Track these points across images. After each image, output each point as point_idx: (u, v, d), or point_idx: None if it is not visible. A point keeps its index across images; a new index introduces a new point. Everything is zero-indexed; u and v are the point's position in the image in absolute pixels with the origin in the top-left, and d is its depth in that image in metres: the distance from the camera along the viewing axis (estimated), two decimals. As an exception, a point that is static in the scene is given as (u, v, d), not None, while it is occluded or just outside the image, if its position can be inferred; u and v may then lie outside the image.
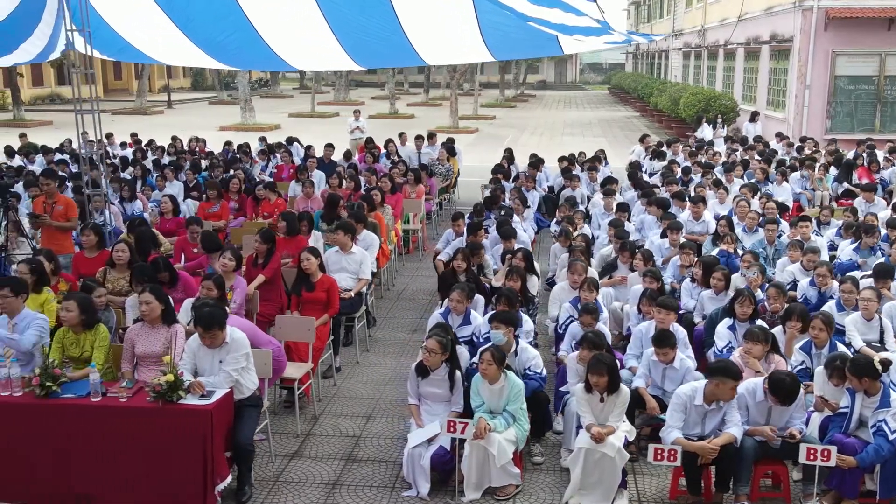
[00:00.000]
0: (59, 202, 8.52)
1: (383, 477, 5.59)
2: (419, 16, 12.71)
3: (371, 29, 13.12)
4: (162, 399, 4.92)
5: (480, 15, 12.42)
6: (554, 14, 11.46)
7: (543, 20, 12.33)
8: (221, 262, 6.89)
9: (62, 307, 5.49)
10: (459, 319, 6.58)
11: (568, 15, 11.34)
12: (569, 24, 12.29)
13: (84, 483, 5.08)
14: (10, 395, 5.08)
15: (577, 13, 11.15)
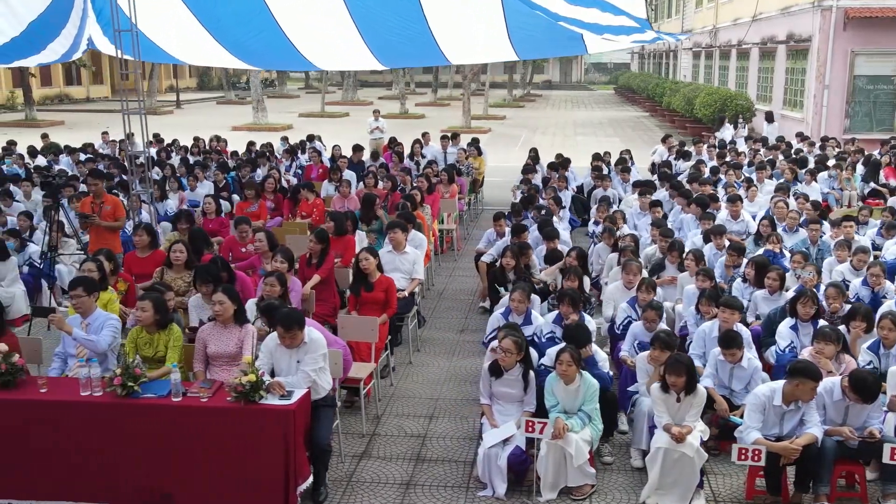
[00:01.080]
0: (106, 202, 8.52)
1: (456, 477, 5.59)
2: (447, 15, 12.75)
3: (398, 28, 13.16)
4: (244, 399, 4.92)
5: (508, 15, 12.45)
6: (591, 14, 11.48)
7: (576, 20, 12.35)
8: (273, 265, 6.89)
9: (137, 307, 5.49)
10: (520, 319, 6.58)
11: (605, 14, 11.35)
12: (602, 24, 12.31)
13: (164, 482, 5.08)
14: (90, 395, 5.08)
15: (616, 12, 11.17)
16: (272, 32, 13.55)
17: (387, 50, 14.21)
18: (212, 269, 6.37)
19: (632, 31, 12.70)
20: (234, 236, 8.43)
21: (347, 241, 8.24)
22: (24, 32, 12.80)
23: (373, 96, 51.89)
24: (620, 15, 11.34)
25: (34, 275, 9.01)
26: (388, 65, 16.45)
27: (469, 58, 16.99)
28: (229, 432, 4.98)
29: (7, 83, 41.44)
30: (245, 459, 4.98)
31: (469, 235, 12.95)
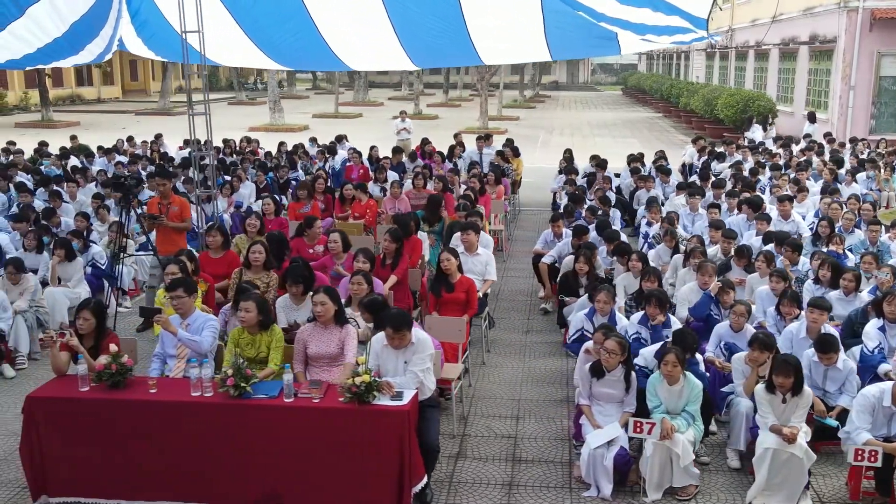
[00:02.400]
0: (173, 202, 8.52)
1: (556, 477, 5.60)
2: (485, 15, 12.75)
3: (435, 28, 13.17)
4: (357, 400, 4.93)
5: (547, 14, 12.45)
6: (640, 13, 11.44)
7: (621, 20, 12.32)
8: (356, 265, 6.89)
9: (241, 307, 5.49)
10: (604, 320, 6.59)
11: (657, 14, 11.30)
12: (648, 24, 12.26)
13: (274, 483, 5.08)
14: (201, 396, 5.09)
15: (669, 11, 11.11)
16: (308, 33, 13.56)
17: (421, 50, 14.22)
18: (303, 270, 6.37)
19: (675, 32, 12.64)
20: (302, 237, 8.43)
21: (414, 243, 8.24)
22: (66, 33, 12.80)
23: (382, 97, 51.91)
24: (673, 14, 11.28)
25: (97, 275, 9.01)
26: (420, 65, 16.48)
27: (502, 58, 16.99)
28: (342, 433, 4.98)
29: (20, 84, 41.40)
30: (357, 460, 4.99)
31: (512, 236, 12.96)
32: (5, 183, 12.33)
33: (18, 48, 12.42)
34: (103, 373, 5.13)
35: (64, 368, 5.40)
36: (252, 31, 13.79)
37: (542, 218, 14.82)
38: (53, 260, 8.49)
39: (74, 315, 5.51)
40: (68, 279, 8.54)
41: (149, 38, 14.56)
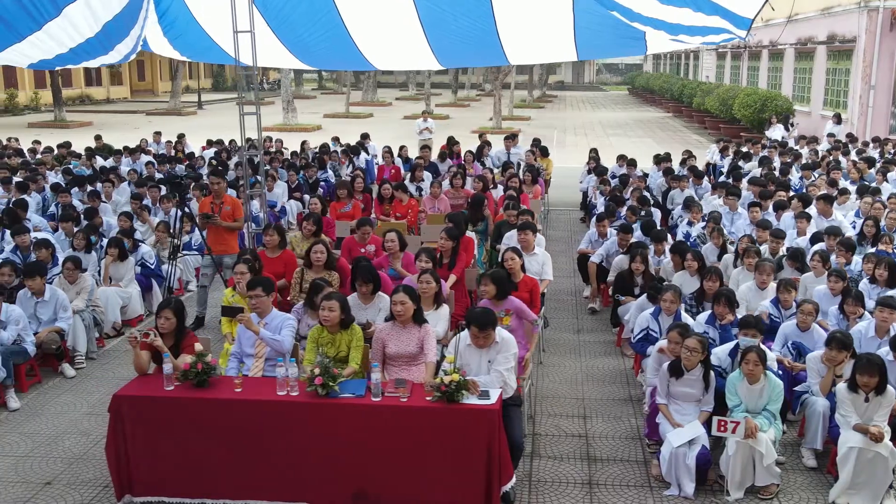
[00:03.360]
0: (226, 202, 8.53)
1: (635, 476, 5.61)
2: (515, 15, 12.75)
3: (465, 28, 13.17)
4: (447, 399, 4.93)
5: (577, 14, 12.45)
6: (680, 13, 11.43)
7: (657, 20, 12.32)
8: (418, 265, 6.90)
9: (325, 307, 5.50)
10: (670, 320, 6.60)
11: (697, 14, 11.29)
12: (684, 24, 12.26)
13: (361, 481, 5.09)
14: (287, 395, 5.10)
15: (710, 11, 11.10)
16: (337, 32, 13.59)
17: (448, 50, 14.23)
18: (372, 269, 6.38)
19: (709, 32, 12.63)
20: (352, 236, 8.44)
21: (467, 241, 8.24)
22: (98, 33, 12.79)
23: (390, 97, 51.94)
24: (714, 14, 11.26)
25: (147, 275, 9.02)
26: (445, 65, 16.47)
27: (528, 58, 16.98)
28: (430, 432, 4.98)
29: (30, 84, 41.42)
30: (445, 459, 4.99)
31: (546, 236, 12.95)
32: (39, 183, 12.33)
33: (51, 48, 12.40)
34: (189, 372, 5.14)
35: (146, 368, 5.41)
36: (281, 31, 13.80)
37: (570, 217, 14.86)
38: (106, 259, 8.50)
39: (155, 315, 5.51)
40: (120, 279, 8.55)
41: (175, 38, 14.54)
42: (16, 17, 10.55)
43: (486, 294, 6.09)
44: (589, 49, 14.53)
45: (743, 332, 5.78)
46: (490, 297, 6.07)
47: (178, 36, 14.26)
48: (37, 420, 6.50)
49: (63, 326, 7.30)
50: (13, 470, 5.70)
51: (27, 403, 6.80)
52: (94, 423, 6.41)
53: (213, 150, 17.43)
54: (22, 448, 6.02)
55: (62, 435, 6.23)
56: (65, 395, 6.98)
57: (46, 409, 6.72)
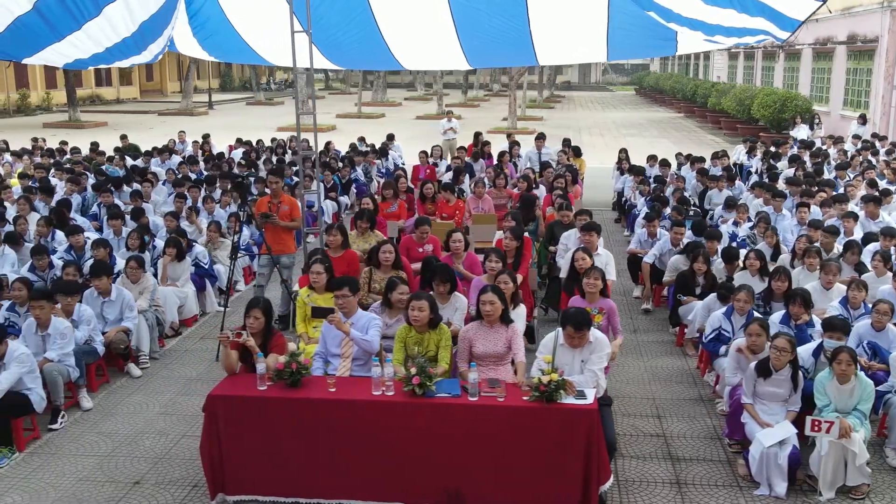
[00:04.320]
0: (284, 202, 8.53)
1: (721, 476, 5.61)
2: (550, 15, 12.75)
3: (498, 28, 13.18)
4: (545, 399, 4.93)
5: (612, 14, 12.45)
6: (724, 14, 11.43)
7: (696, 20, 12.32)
8: (488, 265, 6.90)
9: (414, 307, 5.49)
10: (742, 319, 6.60)
11: (741, 16, 11.29)
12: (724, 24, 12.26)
13: (455, 479, 5.09)
14: (382, 394, 5.10)
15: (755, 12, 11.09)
16: (369, 31, 13.61)
17: (478, 50, 14.25)
18: (450, 269, 6.38)
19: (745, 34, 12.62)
20: (410, 236, 8.45)
21: (527, 241, 8.24)
22: (134, 33, 12.80)
23: (398, 97, 51.95)
24: (759, 16, 11.25)
25: (200, 275, 9.02)
26: (474, 65, 16.49)
27: (557, 59, 17.00)
28: (528, 432, 4.98)
29: (42, 84, 41.43)
30: (543, 459, 4.99)
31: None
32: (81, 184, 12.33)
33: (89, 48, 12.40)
34: (283, 371, 5.14)
35: (235, 367, 5.41)
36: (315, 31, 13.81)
37: (603, 217, 14.82)
38: (164, 259, 8.50)
39: (244, 314, 5.51)
40: (177, 279, 8.56)
41: (205, 38, 14.54)
42: (58, 18, 10.55)
43: (591, 289, 6.08)
44: (619, 49, 14.53)
45: (828, 335, 5.79)
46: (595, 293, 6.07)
47: (209, 36, 14.25)
48: (112, 420, 6.50)
49: (129, 326, 7.31)
50: (99, 469, 5.70)
51: (98, 403, 6.80)
52: (170, 423, 6.41)
53: (241, 150, 17.44)
54: (103, 448, 6.02)
55: (140, 435, 6.23)
56: (135, 395, 6.98)
57: (119, 408, 6.72)
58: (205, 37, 14.29)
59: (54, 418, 6.31)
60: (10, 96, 38.45)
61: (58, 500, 5.30)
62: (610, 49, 13.97)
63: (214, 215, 10.79)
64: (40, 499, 5.32)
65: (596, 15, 12.51)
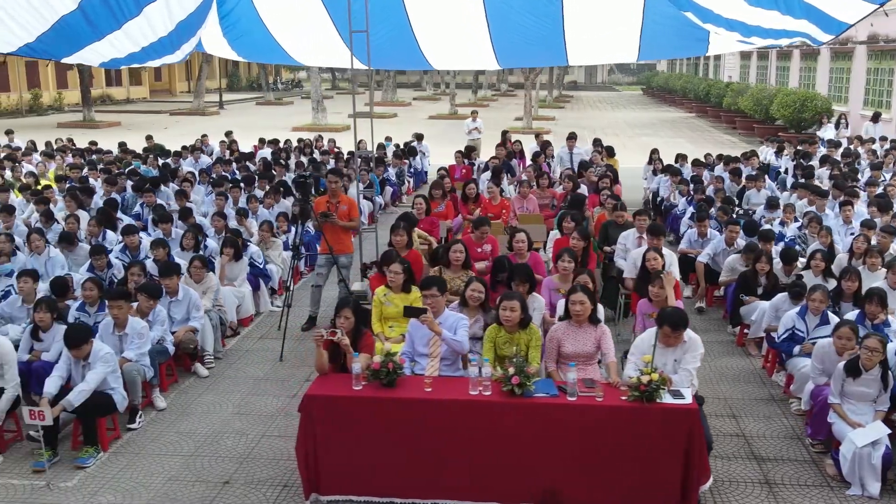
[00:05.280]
0: (342, 202, 8.53)
1: (809, 476, 5.60)
2: (584, 16, 12.74)
3: (532, 28, 13.17)
4: (645, 398, 4.93)
5: (647, 15, 12.44)
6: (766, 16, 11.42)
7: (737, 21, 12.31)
8: (561, 265, 6.91)
9: (504, 307, 5.50)
10: (817, 320, 6.61)
11: (785, 17, 11.28)
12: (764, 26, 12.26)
13: (551, 479, 5.09)
14: (479, 394, 5.09)
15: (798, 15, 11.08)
16: (401, 30, 13.61)
17: (510, 49, 14.25)
18: (529, 269, 6.38)
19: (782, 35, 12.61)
20: (469, 236, 8.45)
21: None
22: (171, 32, 12.80)
23: (407, 97, 51.93)
24: (802, 18, 11.25)
25: (255, 274, 9.02)
26: (503, 65, 16.49)
27: (587, 59, 16.98)
28: (627, 432, 4.98)
29: (53, 84, 41.42)
30: (641, 459, 4.99)
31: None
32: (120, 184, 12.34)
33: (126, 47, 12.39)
34: (380, 371, 5.14)
35: (326, 367, 5.41)
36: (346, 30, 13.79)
37: (636, 217, 14.84)
38: (222, 259, 8.50)
39: (335, 313, 5.51)
40: (234, 278, 8.56)
41: (236, 38, 14.52)
42: (100, 17, 10.54)
43: (658, 296, 6.09)
44: (650, 49, 14.54)
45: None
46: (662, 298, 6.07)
47: (240, 36, 14.24)
48: (188, 419, 6.50)
49: (196, 326, 7.30)
50: (186, 469, 5.70)
51: (171, 403, 6.80)
52: (247, 423, 6.41)
53: (268, 150, 17.43)
54: (185, 447, 6.02)
55: (219, 435, 6.23)
56: (206, 395, 6.98)
57: (192, 408, 6.72)
58: (235, 37, 14.28)
59: (132, 418, 6.31)
60: (22, 96, 38.44)
61: (151, 501, 5.30)
62: (642, 49, 13.97)
63: (258, 215, 10.79)
64: (133, 498, 5.32)
65: (631, 15, 12.50)
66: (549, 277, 7.01)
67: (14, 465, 5.76)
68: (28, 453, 5.90)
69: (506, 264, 6.86)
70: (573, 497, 5.10)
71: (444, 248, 7.23)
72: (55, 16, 9.78)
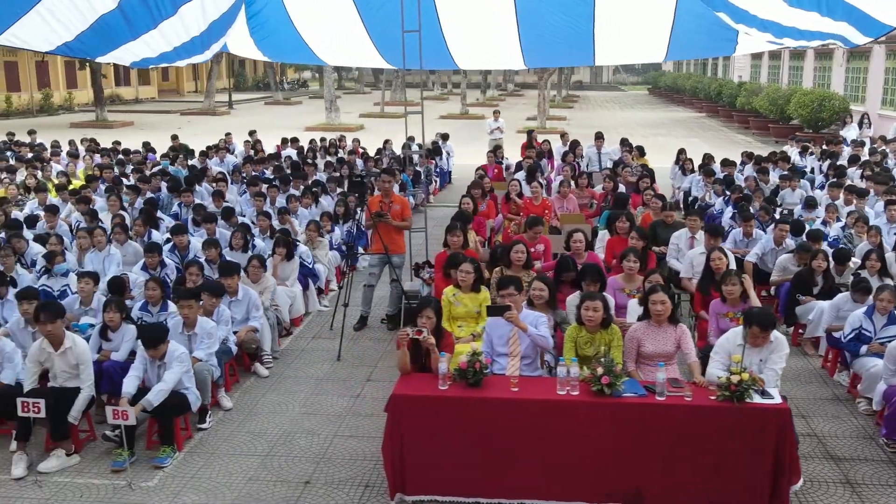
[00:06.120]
0: (395, 201, 8.52)
1: (891, 475, 5.59)
2: (617, 15, 12.70)
3: (560, 27, 13.12)
4: (735, 398, 4.92)
5: (679, 15, 12.41)
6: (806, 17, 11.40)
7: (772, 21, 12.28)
8: (626, 265, 6.91)
9: (587, 307, 5.49)
10: (884, 320, 6.60)
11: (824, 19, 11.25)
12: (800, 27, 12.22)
13: (637, 480, 5.08)
14: (567, 394, 5.09)
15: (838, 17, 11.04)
16: (432, 30, 13.57)
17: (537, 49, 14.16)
18: (601, 270, 6.38)
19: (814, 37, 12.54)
20: (522, 235, 8.43)
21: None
22: (203, 32, 12.78)
23: (415, 97, 51.87)
24: (842, 20, 11.20)
25: (304, 273, 9.01)
26: (530, 65, 16.40)
27: (614, 59, 16.94)
28: (716, 432, 4.98)
29: (63, 84, 41.39)
30: (730, 459, 4.97)
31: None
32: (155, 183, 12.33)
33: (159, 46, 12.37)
34: (467, 371, 5.13)
35: (409, 367, 5.40)
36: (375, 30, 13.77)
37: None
38: (275, 259, 8.49)
39: (415, 314, 5.50)
40: (286, 278, 8.55)
41: (263, 38, 14.45)
42: (139, 16, 10.52)
43: (733, 294, 6.09)
44: (679, 49, 14.45)
45: None
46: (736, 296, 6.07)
47: (267, 36, 14.17)
48: (256, 420, 6.49)
49: (257, 325, 7.30)
50: (263, 469, 5.70)
51: (236, 403, 6.79)
52: (317, 423, 6.40)
53: (291, 150, 17.43)
54: (259, 447, 6.01)
55: (291, 435, 6.22)
56: (269, 395, 6.97)
57: (258, 408, 6.71)
58: (262, 37, 14.21)
59: (202, 418, 6.30)
60: (33, 96, 38.41)
61: (236, 501, 5.29)
62: (670, 50, 13.89)
63: (298, 214, 10.79)
64: (216, 499, 5.31)
65: (663, 14, 12.45)
66: (613, 277, 7.00)
67: (91, 464, 5.76)
68: (103, 453, 5.90)
69: (570, 264, 6.86)
70: (660, 497, 5.09)
71: (504, 249, 7.22)
72: (95, 15, 9.76)
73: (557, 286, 6.80)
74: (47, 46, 9.45)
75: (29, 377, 5.85)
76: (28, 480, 5.52)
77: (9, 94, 37.14)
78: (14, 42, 8.94)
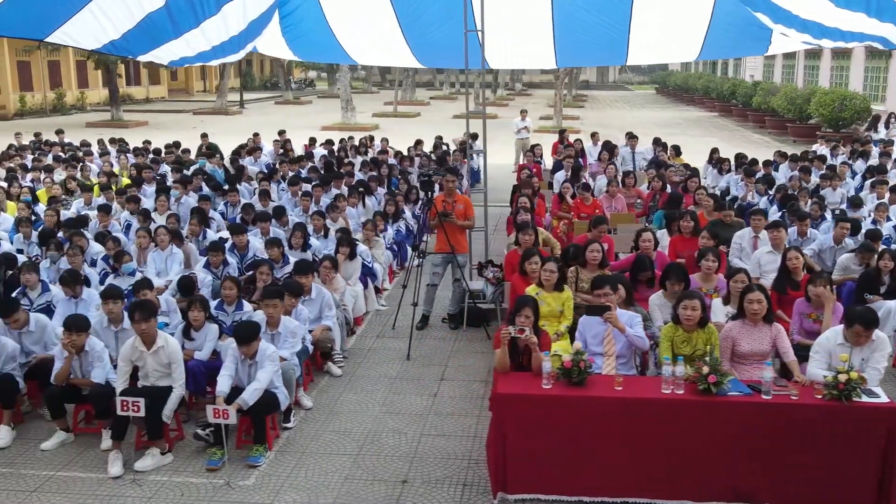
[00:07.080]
0: (458, 200, 8.53)
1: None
2: (654, 15, 12.70)
3: (595, 27, 13.12)
4: (843, 397, 4.93)
5: (716, 14, 12.42)
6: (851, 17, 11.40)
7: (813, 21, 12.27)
8: (705, 265, 6.91)
9: (685, 306, 5.50)
10: (961, 318, 6.62)
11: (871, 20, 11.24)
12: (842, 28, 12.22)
13: (745, 480, 5.09)
14: (672, 392, 5.10)
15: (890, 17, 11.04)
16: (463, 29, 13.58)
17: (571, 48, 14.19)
18: (684, 268, 6.38)
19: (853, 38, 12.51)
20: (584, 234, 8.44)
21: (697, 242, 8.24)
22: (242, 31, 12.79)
23: (424, 96, 51.87)
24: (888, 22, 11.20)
25: (364, 273, 9.01)
26: (561, 64, 16.45)
27: (646, 58, 16.94)
28: (822, 430, 4.98)
29: (75, 84, 41.38)
30: (836, 458, 4.98)
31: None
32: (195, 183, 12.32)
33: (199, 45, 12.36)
34: (571, 370, 5.14)
35: (508, 366, 5.41)
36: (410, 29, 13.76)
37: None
38: (339, 258, 8.49)
39: (514, 311, 5.51)
40: (349, 277, 8.55)
41: (295, 38, 14.47)
42: (183, 14, 10.54)
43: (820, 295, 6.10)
44: (712, 49, 14.46)
45: None
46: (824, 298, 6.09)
47: (300, 36, 14.18)
48: (339, 419, 6.49)
49: (330, 324, 7.30)
50: (357, 468, 5.70)
51: (316, 402, 6.79)
52: (401, 422, 6.41)
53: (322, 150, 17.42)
54: (349, 447, 6.01)
55: (377, 434, 6.22)
56: (346, 394, 6.97)
57: (339, 407, 6.71)
58: (295, 37, 14.22)
59: (286, 417, 6.30)
60: (46, 96, 38.40)
61: (337, 500, 5.29)
62: (704, 49, 13.91)
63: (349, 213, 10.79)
64: (318, 497, 5.31)
65: (700, 14, 12.46)
66: (691, 276, 7.00)
67: (185, 463, 5.76)
68: (194, 451, 5.90)
69: (647, 263, 6.87)
70: (765, 495, 5.10)
71: (578, 248, 7.23)
72: (143, 13, 9.76)
73: (634, 285, 6.82)
74: (95, 44, 9.45)
75: (121, 376, 5.86)
76: (125, 479, 5.52)
77: (23, 94, 37.12)
78: (64, 40, 8.94)
